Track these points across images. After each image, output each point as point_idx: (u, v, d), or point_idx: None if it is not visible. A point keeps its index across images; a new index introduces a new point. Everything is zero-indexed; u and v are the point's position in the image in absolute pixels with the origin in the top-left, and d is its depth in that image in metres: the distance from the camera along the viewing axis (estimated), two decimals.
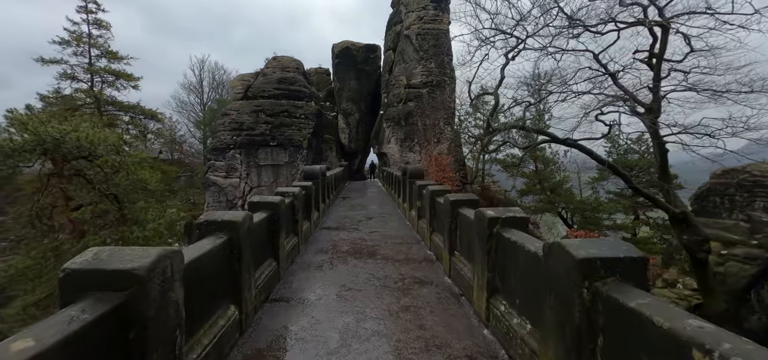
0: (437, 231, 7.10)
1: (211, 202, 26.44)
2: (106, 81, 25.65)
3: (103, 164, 8.94)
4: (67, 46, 23.86)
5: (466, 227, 5.07)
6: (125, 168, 9.26)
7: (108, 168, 9.06)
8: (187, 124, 46.73)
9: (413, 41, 25.17)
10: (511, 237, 3.55)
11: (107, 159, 9.01)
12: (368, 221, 10.95)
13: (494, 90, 9.78)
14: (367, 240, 8.42)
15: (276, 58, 29.35)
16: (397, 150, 25.07)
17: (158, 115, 26.68)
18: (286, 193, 7.15)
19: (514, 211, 3.89)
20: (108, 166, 9.04)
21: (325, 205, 12.18)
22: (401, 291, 5.12)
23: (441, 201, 6.67)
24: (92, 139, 8.47)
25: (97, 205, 9.36)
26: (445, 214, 5.84)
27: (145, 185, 9.56)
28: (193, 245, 3.37)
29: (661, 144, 11.19)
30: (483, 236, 3.89)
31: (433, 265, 6.44)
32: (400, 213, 12.32)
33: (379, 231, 9.48)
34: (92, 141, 8.43)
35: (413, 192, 10.13)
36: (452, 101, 25.13)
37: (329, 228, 9.96)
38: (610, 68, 12.07)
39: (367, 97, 33.38)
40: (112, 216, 9.39)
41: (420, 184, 8.85)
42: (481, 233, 3.95)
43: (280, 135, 26.34)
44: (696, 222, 11.34)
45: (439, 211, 6.84)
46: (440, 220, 6.74)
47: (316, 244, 8.03)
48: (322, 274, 5.90)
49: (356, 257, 6.94)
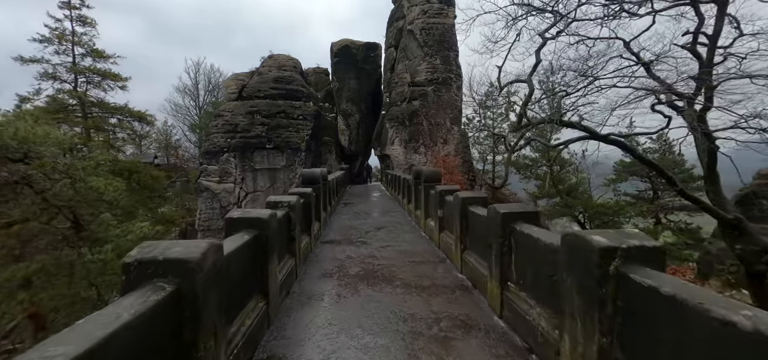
0: (471, 249, 5.64)
1: (204, 209, 24.89)
2: (91, 81, 24.18)
3: (41, 168, 7.31)
4: (49, 44, 22.39)
5: (529, 252, 3.62)
6: (73, 173, 7.56)
7: (51, 173, 7.43)
8: (182, 128, 45.40)
9: (417, 36, 23.80)
10: (645, 282, 2.09)
11: (45, 162, 7.34)
12: (377, 232, 9.48)
13: (528, 76, 8.35)
14: (378, 258, 6.94)
15: (272, 57, 27.92)
16: (402, 152, 23.63)
17: (148, 117, 25.14)
18: (279, 203, 5.68)
19: (639, 238, 2.43)
20: (49, 171, 7.40)
21: (326, 214, 10.71)
22: (440, 344, 3.64)
23: (480, 213, 5.21)
24: (26, 136, 6.83)
25: (50, 221, 7.72)
26: (490, 230, 4.38)
27: (99, 195, 7.88)
28: (120, 302, 1.96)
29: (711, 140, 9.79)
30: (590, 276, 2.43)
31: (471, 295, 4.97)
32: (412, 222, 10.85)
33: (392, 245, 8.00)
34: (25, 138, 6.78)
35: (430, 199, 8.68)
36: (459, 99, 23.74)
37: (332, 241, 8.48)
38: (642, 57, 10.71)
39: (368, 98, 31.97)
40: (61, 234, 7.77)
41: (442, 190, 7.40)
42: (583, 270, 2.50)
43: (277, 137, 24.89)
44: (752, 229, 9.92)
45: (476, 224, 5.38)
46: (478, 237, 5.28)
47: (318, 265, 6.55)
48: (326, 314, 4.42)
49: (369, 284, 5.46)
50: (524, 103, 8.46)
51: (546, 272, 3.20)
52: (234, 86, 25.86)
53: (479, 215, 5.23)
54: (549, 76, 9.39)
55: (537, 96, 9.71)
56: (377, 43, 32.61)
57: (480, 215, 5.21)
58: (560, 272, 2.81)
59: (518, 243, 3.88)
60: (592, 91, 8.91)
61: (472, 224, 5.58)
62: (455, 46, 24.11)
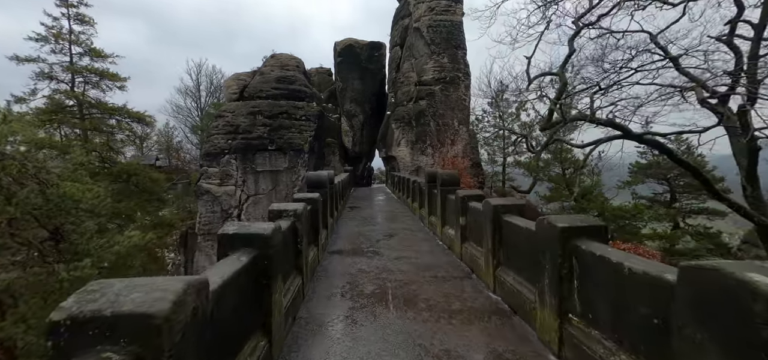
0: (507, 266, 4.85)
1: (204, 212, 24.16)
2: (89, 81, 23.50)
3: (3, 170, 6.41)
4: (46, 42, 21.75)
5: (604, 280, 2.83)
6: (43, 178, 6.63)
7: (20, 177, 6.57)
8: (183, 130, 44.90)
9: (424, 34, 23.04)
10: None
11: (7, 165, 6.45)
12: (389, 241, 8.69)
13: (560, 68, 7.56)
14: (394, 272, 6.17)
15: (275, 56, 27.22)
16: (408, 153, 22.85)
17: (146, 118, 24.45)
18: (284, 212, 4.92)
19: None
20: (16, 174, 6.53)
21: (333, 220, 9.95)
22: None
23: (519, 224, 4.42)
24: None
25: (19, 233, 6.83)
26: (540, 248, 3.60)
27: (75, 203, 6.99)
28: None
29: (752, 139, 8.97)
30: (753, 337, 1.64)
31: (511, 322, 4.18)
32: (426, 229, 10.06)
33: (408, 256, 7.22)
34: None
35: (449, 204, 7.89)
36: (467, 99, 22.96)
37: (341, 252, 7.70)
38: (670, 52, 9.91)
39: (372, 98, 31.22)
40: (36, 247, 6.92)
41: (464, 195, 6.61)
42: (737, 323, 1.71)
43: (279, 138, 24.15)
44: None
45: (514, 237, 4.59)
46: (517, 253, 4.50)
47: (327, 280, 5.77)
48: (341, 348, 3.64)
49: (388, 306, 4.68)
50: (557, 97, 7.65)
51: (642, 312, 2.40)
52: (235, 86, 25.17)
53: (518, 227, 4.45)
54: (575, 70, 8.60)
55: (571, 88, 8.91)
56: (381, 43, 31.90)
57: (519, 227, 4.43)
58: (678, 320, 2.02)
59: (585, 267, 3.09)
60: (613, 88, 8.11)
61: (508, 237, 4.79)
62: (463, 43, 23.34)
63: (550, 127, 8.76)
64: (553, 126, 8.62)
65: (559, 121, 8.16)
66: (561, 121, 8.12)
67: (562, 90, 7.53)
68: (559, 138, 9.27)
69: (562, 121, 8.09)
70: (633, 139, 7.80)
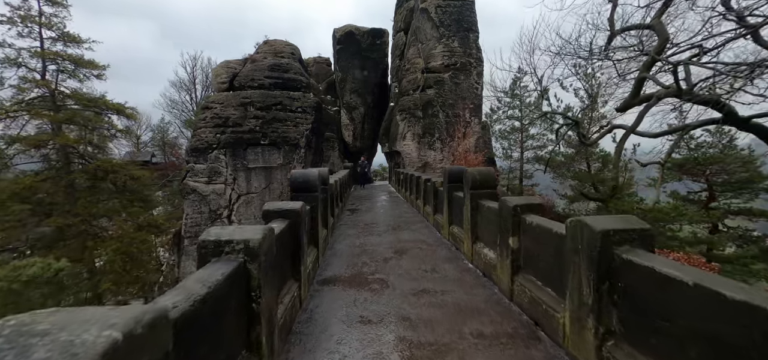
0: (627, 340, 2.70)
1: (191, 213, 22.06)
2: (64, 69, 21.38)
3: None
4: (12, 25, 19.61)
5: None
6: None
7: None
8: (177, 124, 42.94)
9: (432, 15, 20.79)
10: None
11: None
12: (399, 260, 6.55)
13: (655, 17, 5.37)
14: (415, 322, 4.04)
15: (268, 42, 24.97)
16: (415, 147, 20.69)
17: (127, 110, 22.31)
18: (226, 246, 2.78)
19: None
20: None
21: (327, 231, 7.81)
22: None
23: (658, 269, 2.26)
24: None
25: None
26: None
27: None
28: None
29: None
30: None
31: None
32: (445, 241, 7.91)
33: (430, 289, 5.08)
34: None
35: (483, 215, 5.74)
36: (480, 87, 20.75)
37: (336, 281, 5.56)
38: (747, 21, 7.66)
39: (374, 89, 29.03)
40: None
41: (517, 205, 4.44)
42: None
43: (273, 132, 22.02)
44: None
45: (643, 289, 2.43)
46: (647, 316, 2.34)
47: (312, 349, 3.65)
48: None
49: None
50: (650, 62, 5.45)
51: None
52: (224, 74, 22.99)
53: (654, 272, 2.30)
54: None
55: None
56: (384, 30, 29.66)
57: (659, 274, 2.28)
58: None
59: None
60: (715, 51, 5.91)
61: (632, 288, 2.64)
62: (475, 26, 21.09)
63: (633, 105, 6.51)
64: (636, 103, 6.36)
65: (649, 96, 5.87)
66: (649, 97, 5.84)
67: (662, 45, 5.31)
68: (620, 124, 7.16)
69: (655, 96, 5.78)
70: (736, 124, 5.63)
